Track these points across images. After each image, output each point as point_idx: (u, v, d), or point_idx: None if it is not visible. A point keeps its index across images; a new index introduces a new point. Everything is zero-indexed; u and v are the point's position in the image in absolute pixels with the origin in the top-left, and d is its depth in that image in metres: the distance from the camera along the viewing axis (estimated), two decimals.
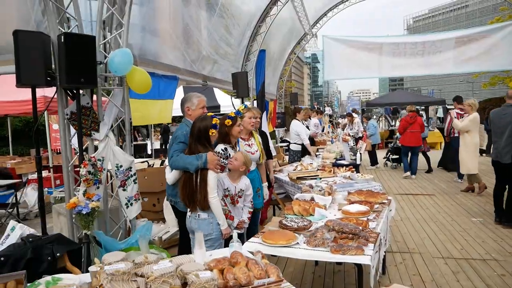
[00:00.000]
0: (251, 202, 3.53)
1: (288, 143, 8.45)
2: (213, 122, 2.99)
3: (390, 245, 4.16)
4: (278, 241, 2.55)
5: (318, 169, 5.26)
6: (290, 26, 11.34)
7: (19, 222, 6.53)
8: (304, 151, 7.63)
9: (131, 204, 3.87)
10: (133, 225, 3.92)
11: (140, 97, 4.68)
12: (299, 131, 7.61)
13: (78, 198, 3.40)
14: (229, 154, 3.50)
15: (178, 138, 3.21)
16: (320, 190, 3.64)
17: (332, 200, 3.65)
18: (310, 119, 11.15)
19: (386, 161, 12.05)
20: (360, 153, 11.64)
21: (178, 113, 4.44)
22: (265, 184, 4.19)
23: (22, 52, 3.04)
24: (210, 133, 3.00)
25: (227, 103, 10.44)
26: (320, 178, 4.67)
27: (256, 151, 4.02)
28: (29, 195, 7.08)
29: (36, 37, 3.11)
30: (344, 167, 5.03)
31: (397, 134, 10.64)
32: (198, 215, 3.01)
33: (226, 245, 3.07)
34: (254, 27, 8.48)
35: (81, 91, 3.59)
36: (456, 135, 8.80)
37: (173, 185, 3.29)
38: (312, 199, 3.52)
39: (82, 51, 3.23)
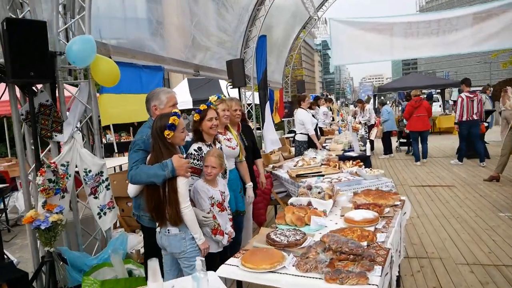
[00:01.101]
0: (228, 207, 3.05)
1: (294, 134, 7.91)
2: (169, 122, 2.45)
3: (405, 249, 3.60)
4: (260, 265, 2.03)
5: (322, 164, 4.70)
6: (294, 10, 10.67)
7: (8, 230, 6.17)
8: (311, 142, 7.06)
9: (105, 214, 3.40)
10: (108, 237, 3.46)
11: (118, 91, 4.19)
12: (303, 120, 7.03)
13: (36, 211, 2.96)
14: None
15: (137, 145, 2.64)
16: (319, 193, 3.09)
17: (334, 203, 3.11)
18: (319, 107, 10.54)
19: (396, 147, 11.51)
20: (372, 140, 11.08)
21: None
22: (250, 184, 3.66)
23: None
24: (165, 135, 2.46)
25: (236, 95, 9.76)
26: (323, 175, 4.12)
27: (236, 145, 3.49)
28: (21, 199, 6.73)
29: None
30: (351, 161, 4.45)
31: (404, 120, 10.07)
32: (168, 230, 2.50)
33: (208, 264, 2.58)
34: (252, 11, 7.87)
35: (39, 87, 3.13)
36: (464, 119, 8.15)
37: (136, 196, 2.79)
38: (310, 204, 2.98)
39: (31, 39, 2.73)
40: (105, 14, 3.97)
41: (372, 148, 11.72)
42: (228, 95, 6.30)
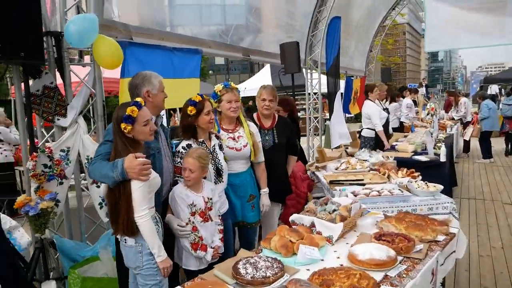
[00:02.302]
0: (220, 216, 2.57)
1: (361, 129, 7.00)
2: (127, 113, 2.03)
3: None
4: None
5: (370, 169, 3.89)
6: None
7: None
8: (379, 139, 6.12)
9: (106, 204, 3.21)
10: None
11: None
12: (370, 113, 6.11)
13: (28, 196, 2.87)
14: None
15: (106, 135, 2.29)
16: (330, 212, 2.40)
17: (355, 226, 2.42)
18: (402, 98, 9.24)
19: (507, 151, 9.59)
20: (466, 140, 9.37)
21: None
22: (264, 190, 3.10)
23: None
24: (123, 129, 2.05)
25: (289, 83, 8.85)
26: (364, 184, 3.36)
27: (245, 146, 2.94)
28: None
29: None
30: (405, 170, 3.57)
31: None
32: (125, 239, 2.14)
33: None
34: None
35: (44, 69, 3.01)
36: None
37: None
38: (313, 225, 2.34)
39: (21, 17, 2.56)
40: None
41: (467, 150, 10.05)
42: (280, 82, 5.73)
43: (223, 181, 2.73)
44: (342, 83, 11.54)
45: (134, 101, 2.09)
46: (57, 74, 3.06)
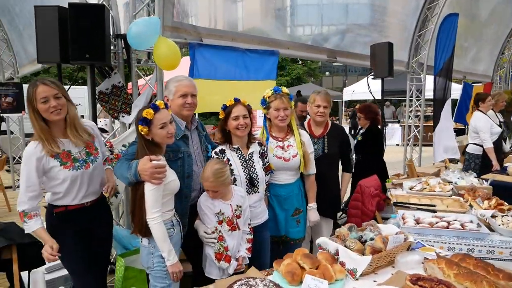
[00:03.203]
0: (249, 225, 2.44)
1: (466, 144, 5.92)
2: (143, 115, 2.03)
3: None
4: None
5: (452, 195, 3.25)
6: None
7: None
8: (487, 158, 5.13)
9: None
10: None
11: (214, 77, 4.04)
12: (478, 126, 5.14)
13: None
14: (228, 160, 2.44)
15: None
16: (362, 241, 2.03)
17: (393, 262, 2.03)
18: None
19: None
20: None
21: None
22: (311, 205, 2.82)
23: (39, 28, 2.93)
24: (140, 131, 2.06)
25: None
26: (435, 211, 2.81)
27: (294, 156, 2.70)
28: None
29: (51, 11, 2.91)
30: (495, 200, 2.86)
31: None
32: (141, 239, 2.17)
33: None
34: None
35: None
36: None
37: None
38: (337, 253, 2.02)
39: (89, 23, 2.84)
40: None
41: None
42: (368, 86, 5.22)
43: (258, 192, 2.57)
44: (457, 89, 10.12)
45: (153, 103, 2.11)
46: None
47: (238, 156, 2.49)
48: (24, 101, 6.63)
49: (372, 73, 5.08)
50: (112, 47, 3.17)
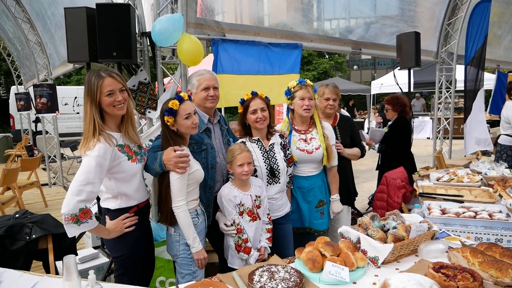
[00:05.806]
0: (268, 214, 2.47)
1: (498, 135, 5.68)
2: (168, 106, 2.10)
3: None
4: None
5: (481, 185, 3.16)
6: None
7: None
8: None
9: None
10: None
11: (237, 71, 4.09)
12: (511, 117, 4.95)
13: None
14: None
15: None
16: (385, 230, 2.02)
17: (418, 251, 2.01)
18: None
19: None
20: None
21: None
22: (334, 197, 2.82)
23: (69, 29, 3.07)
24: (166, 122, 2.13)
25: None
26: (462, 202, 2.75)
27: (317, 148, 2.70)
28: None
29: (79, 12, 3.05)
30: None
31: None
32: (167, 228, 2.25)
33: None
34: None
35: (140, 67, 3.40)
36: None
37: None
38: (359, 241, 2.02)
39: (116, 22, 2.95)
40: None
41: None
42: (394, 77, 5.12)
43: (279, 182, 2.60)
44: (491, 79, 9.69)
45: (177, 95, 2.18)
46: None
47: (258, 147, 2.53)
48: (57, 101, 6.93)
49: (398, 64, 4.97)
50: (138, 45, 3.28)
